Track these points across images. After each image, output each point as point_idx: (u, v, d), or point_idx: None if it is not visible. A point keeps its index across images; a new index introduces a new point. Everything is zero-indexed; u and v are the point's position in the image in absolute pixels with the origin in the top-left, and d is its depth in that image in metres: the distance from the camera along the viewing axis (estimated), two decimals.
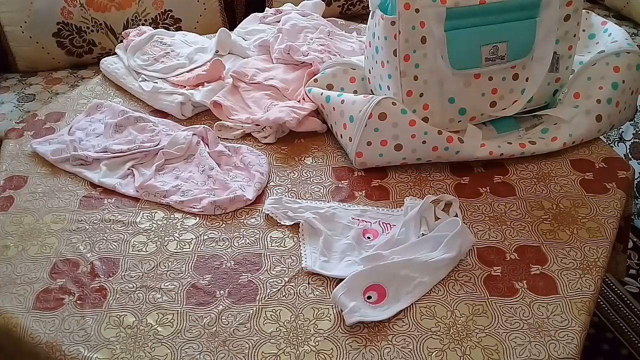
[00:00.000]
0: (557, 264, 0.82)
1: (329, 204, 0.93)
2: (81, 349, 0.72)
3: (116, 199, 0.96)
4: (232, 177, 0.98)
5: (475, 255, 0.84)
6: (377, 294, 0.76)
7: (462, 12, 0.91)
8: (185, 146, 1.04)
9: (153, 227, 0.90)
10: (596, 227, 0.88)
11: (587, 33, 1.16)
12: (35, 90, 1.69)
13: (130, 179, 1.00)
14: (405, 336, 0.73)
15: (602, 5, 2.09)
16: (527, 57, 0.98)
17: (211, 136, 1.06)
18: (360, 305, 0.74)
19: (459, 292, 0.79)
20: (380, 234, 0.87)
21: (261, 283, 0.81)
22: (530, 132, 1.04)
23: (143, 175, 0.99)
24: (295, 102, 1.13)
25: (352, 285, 0.76)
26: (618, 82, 1.02)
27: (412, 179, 0.98)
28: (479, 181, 0.98)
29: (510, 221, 0.90)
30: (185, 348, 0.72)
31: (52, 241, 0.88)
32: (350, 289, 0.76)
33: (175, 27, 1.82)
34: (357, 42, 1.34)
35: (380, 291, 0.77)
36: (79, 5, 1.70)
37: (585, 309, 0.76)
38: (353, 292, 0.76)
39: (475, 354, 0.71)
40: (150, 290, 0.80)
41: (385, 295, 0.77)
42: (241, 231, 0.89)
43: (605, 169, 1.00)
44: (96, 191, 0.98)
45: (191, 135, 1.05)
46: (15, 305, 0.78)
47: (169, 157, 1.03)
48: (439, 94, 0.97)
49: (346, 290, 0.75)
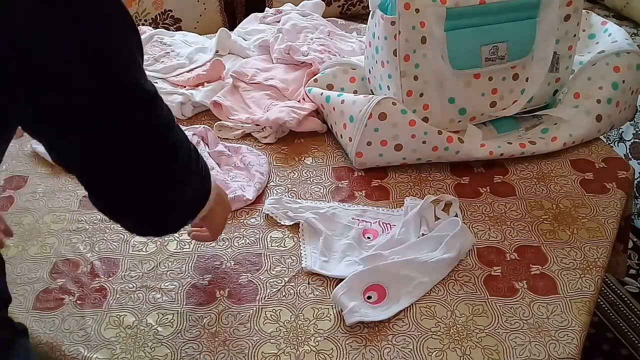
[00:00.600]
0: (557, 264, 0.82)
1: (329, 204, 0.93)
2: (81, 349, 0.72)
3: None
4: (232, 177, 0.98)
5: (475, 255, 0.84)
6: (377, 294, 0.76)
7: (462, 12, 0.91)
8: None
9: None
10: (596, 227, 0.88)
11: (587, 33, 1.16)
12: None
13: None
14: (405, 336, 0.73)
15: (602, 5, 2.09)
16: (527, 57, 0.98)
17: (211, 136, 1.06)
18: (360, 305, 0.74)
19: (459, 292, 0.79)
20: (380, 234, 0.87)
21: (261, 283, 0.81)
22: (530, 132, 1.04)
23: None
24: (295, 102, 1.13)
25: (352, 285, 0.76)
26: (618, 82, 1.02)
27: (412, 179, 0.98)
28: (479, 181, 0.98)
29: (510, 221, 0.90)
30: (185, 348, 0.72)
31: (52, 241, 0.88)
32: (350, 288, 0.76)
33: (175, 27, 1.82)
34: (357, 42, 1.34)
35: (380, 291, 0.77)
36: None
37: (585, 309, 0.76)
38: (353, 292, 0.75)
39: (475, 354, 0.71)
40: (150, 290, 0.80)
41: (385, 295, 0.77)
42: (241, 231, 0.89)
43: (605, 169, 1.00)
44: None
45: (191, 135, 1.05)
46: (15, 305, 0.78)
47: None
48: (439, 94, 0.97)
49: (346, 290, 0.75)
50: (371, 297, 0.76)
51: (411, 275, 0.78)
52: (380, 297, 0.76)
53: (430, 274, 0.79)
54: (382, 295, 0.76)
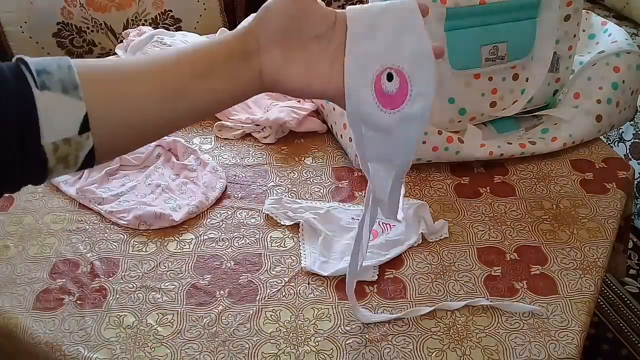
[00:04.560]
0: (557, 264, 0.82)
1: (329, 204, 0.93)
2: (81, 349, 0.72)
3: None
4: (182, 192, 0.96)
5: (475, 255, 0.84)
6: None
7: (462, 12, 0.91)
8: (143, 156, 1.03)
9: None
10: (596, 227, 0.88)
11: (587, 33, 1.16)
12: None
13: (78, 179, 0.98)
14: (405, 336, 0.73)
15: (602, 5, 2.10)
16: (527, 57, 0.98)
17: (180, 148, 1.04)
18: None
19: (459, 292, 0.79)
20: (380, 234, 0.87)
21: (261, 283, 0.81)
22: (530, 132, 1.04)
23: (91, 177, 0.98)
24: (296, 102, 1.13)
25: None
26: (618, 83, 1.02)
27: (412, 179, 0.98)
28: (479, 181, 0.98)
29: (510, 221, 0.90)
30: (185, 348, 0.72)
31: (52, 241, 0.88)
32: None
33: (175, 27, 1.82)
34: None
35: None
36: (79, 5, 1.71)
37: (585, 309, 0.76)
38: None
39: (475, 354, 0.71)
40: (150, 290, 0.80)
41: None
42: (241, 231, 0.89)
43: (605, 169, 1.00)
44: None
45: (153, 147, 1.04)
46: (15, 305, 0.78)
47: (125, 164, 1.02)
48: (439, 94, 0.97)
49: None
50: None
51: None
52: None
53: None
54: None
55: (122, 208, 0.92)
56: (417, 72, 0.55)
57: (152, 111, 0.49)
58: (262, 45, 0.53)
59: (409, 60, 0.55)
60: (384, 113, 0.56)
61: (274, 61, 0.53)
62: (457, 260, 0.83)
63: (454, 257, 0.84)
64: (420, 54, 0.55)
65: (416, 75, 0.55)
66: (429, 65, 0.55)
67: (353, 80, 0.55)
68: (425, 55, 0.55)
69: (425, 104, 0.56)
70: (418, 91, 0.56)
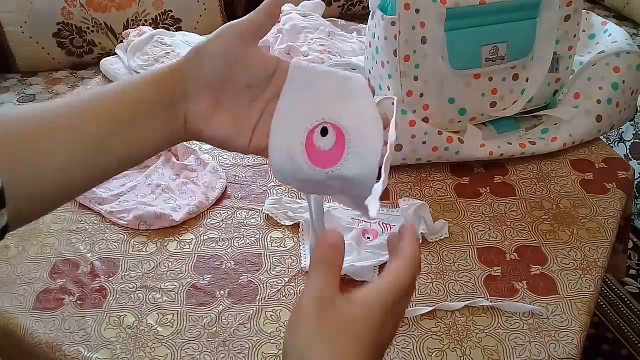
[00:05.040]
0: (557, 264, 0.82)
1: (329, 204, 0.93)
2: (81, 349, 0.72)
3: None
4: (182, 192, 0.96)
5: (475, 255, 0.84)
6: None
7: (462, 12, 0.91)
8: None
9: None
10: (596, 227, 0.88)
11: (587, 33, 1.15)
12: (36, 91, 1.70)
13: None
14: (405, 336, 0.73)
15: (602, 5, 2.09)
16: (527, 57, 0.98)
17: (180, 148, 1.04)
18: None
19: (459, 292, 0.79)
20: (380, 234, 0.87)
21: (261, 283, 0.81)
22: (530, 132, 1.04)
23: None
24: None
25: None
26: (618, 83, 1.02)
27: (412, 179, 0.98)
28: (479, 181, 0.98)
29: (510, 221, 0.90)
30: (185, 348, 0.72)
31: (52, 241, 0.88)
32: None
33: (175, 27, 1.82)
34: (357, 42, 1.34)
35: None
36: (79, 5, 1.70)
37: (585, 309, 0.76)
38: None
39: (475, 354, 0.71)
40: (150, 290, 0.80)
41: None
42: (241, 231, 0.89)
43: (605, 169, 1.00)
44: None
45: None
46: (16, 305, 0.78)
47: None
48: (439, 94, 0.97)
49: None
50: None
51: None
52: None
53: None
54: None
55: (122, 208, 0.92)
56: (357, 130, 0.47)
57: (71, 173, 0.45)
58: (189, 92, 0.47)
59: (350, 117, 0.48)
60: (312, 170, 0.48)
61: (201, 112, 0.47)
62: (457, 260, 0.83)
63: (454, 257, 0.84)
64: (365, 115, 0.48)
65: (357, 133, 0.47)
66: (373, 127, 0.47)
67: (280, 136, 0.48)
68: (370, 117, 0.48)
69: (363, 167, 0.47)
70: (355, 151, 0.47)
